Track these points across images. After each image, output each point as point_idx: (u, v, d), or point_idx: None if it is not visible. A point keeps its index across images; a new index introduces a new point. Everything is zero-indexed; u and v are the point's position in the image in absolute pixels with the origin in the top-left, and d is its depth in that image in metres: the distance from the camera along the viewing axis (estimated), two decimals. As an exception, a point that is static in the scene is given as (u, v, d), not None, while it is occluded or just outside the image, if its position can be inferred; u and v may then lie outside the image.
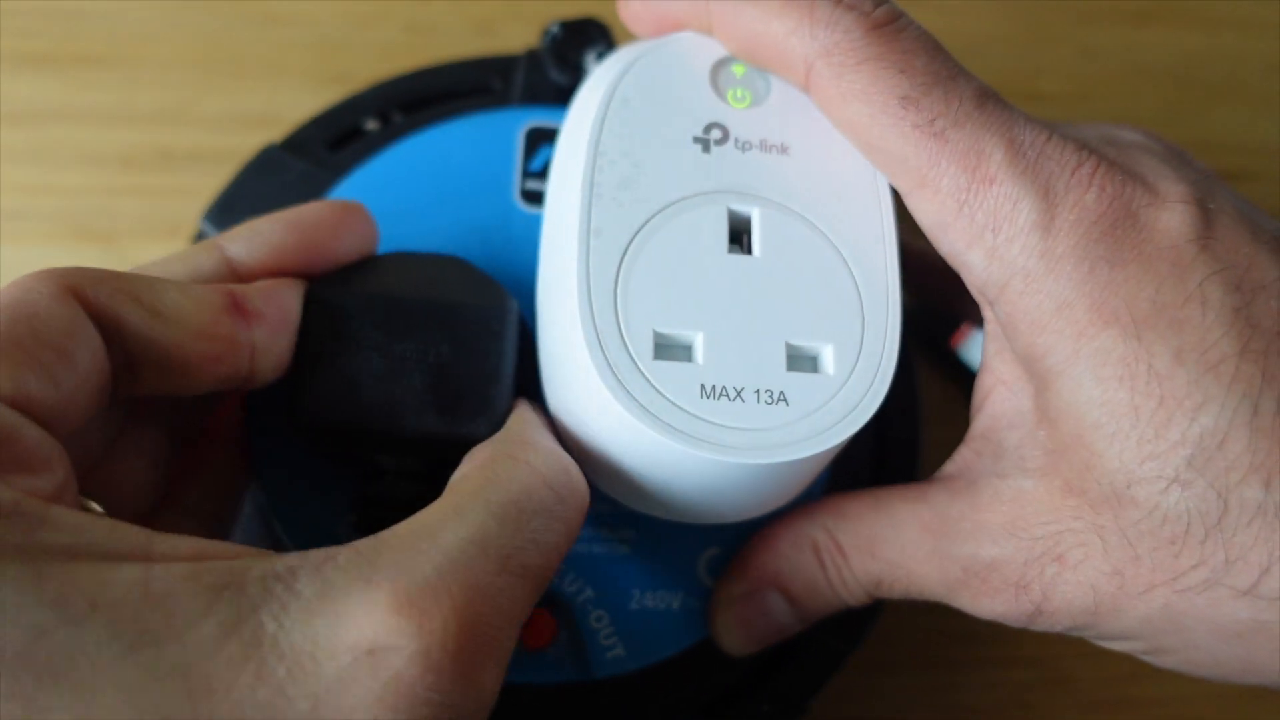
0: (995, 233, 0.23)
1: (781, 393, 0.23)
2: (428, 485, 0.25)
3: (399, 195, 0.30)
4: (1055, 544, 0.23)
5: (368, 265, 0.25)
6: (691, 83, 0.25)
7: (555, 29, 0.32)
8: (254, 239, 0.24)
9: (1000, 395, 0.25)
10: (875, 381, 0.23)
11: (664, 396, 0.22)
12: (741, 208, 0.24)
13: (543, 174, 0.30)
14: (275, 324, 0.23)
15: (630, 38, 0.28)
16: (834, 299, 0.24)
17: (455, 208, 0.30)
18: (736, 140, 0.25)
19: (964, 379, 0.39)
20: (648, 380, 0.22)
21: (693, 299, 0.23)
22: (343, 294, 0.25)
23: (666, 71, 0.25)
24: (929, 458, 0.31)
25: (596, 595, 0.27)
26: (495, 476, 0.21)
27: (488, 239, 0.29)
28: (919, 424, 0.32)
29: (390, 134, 0.31)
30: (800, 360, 0.23)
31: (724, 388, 0.22)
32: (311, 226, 0.25)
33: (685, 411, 0.22)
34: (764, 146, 0.25)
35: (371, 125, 0.32)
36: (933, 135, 0.23)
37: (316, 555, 0.18)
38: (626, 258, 0.23)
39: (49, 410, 0.19)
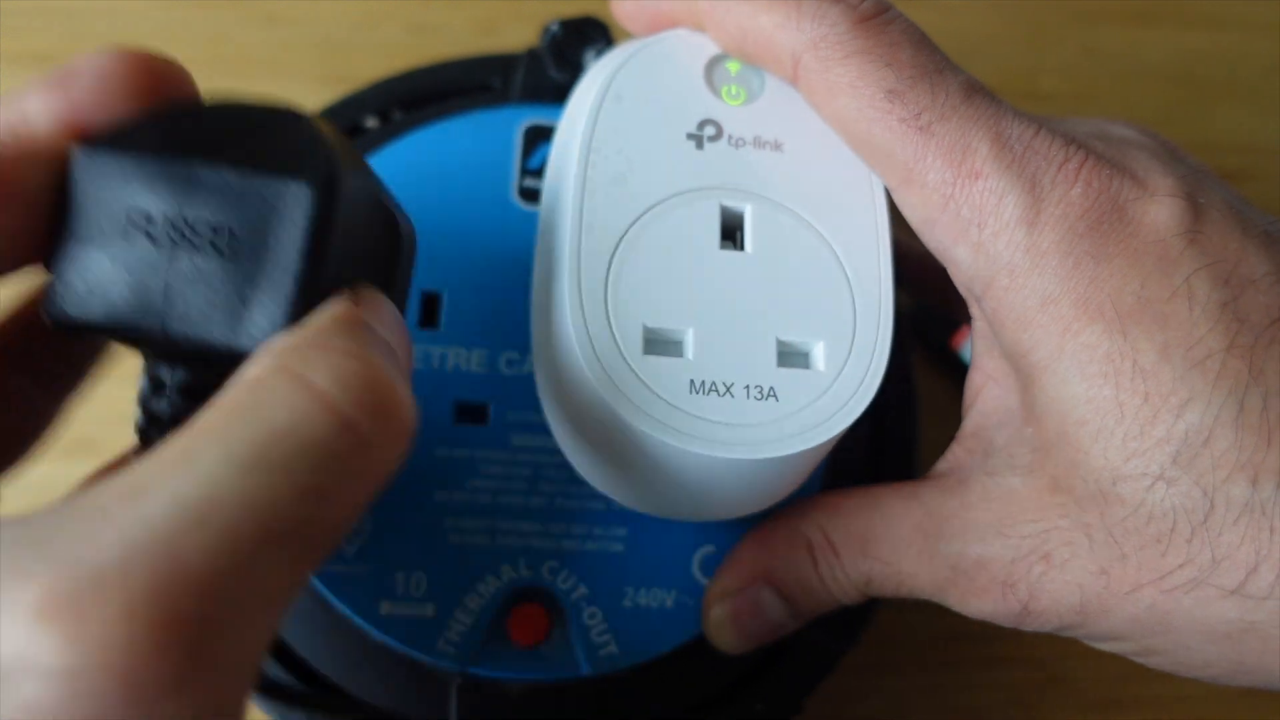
0: (981, 228, 0.22)
1: (771, 388, 0.23)
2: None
3: (397, 192, 0.29)
4: (1042, 542, 0.23)
5: (165, 117, 0.20)
6: (685, 79, 0.25)
7: (554, 28, 0.32)
8: (6, 108, 0.20)
9: (990, 393, 0.25)
10: (866, 378, 0.23)
11: (653, 392, 0.22)
12: (734, 204, 0.24)
13: (540, 172, 0.30)
14: None
15: (629, 36, 0.28)
16: (826, 295, 0.24)
17: (454, 205, 0.30)
18: (730, 137, 0.25)
19: (964, 379, 0.39)
20: (637, 375, 0.22)
21: (684, 295, 0.23)
22: (113, 156, 0.19)
23: (660, 68, 0.25)
24: (928, 458, 0.31)
25: (590, 592, 0.27)
26: (253, 404, 0.16)
27: (486, 236, 0.29)
28: (916, 424, 0.32)
29: (390, 132, 0.31)
30: (791, 356, 0.23)
31: (714, 383, 0.22)
32: (76, 86, 0.20)
33: (674, 407, 0.22)
34: (758, 143, 0.25)
35: (371, 123, 0.32)
36: (918, 129, 0.23)
37: None
38: (618, 253, 0.23)
39: None
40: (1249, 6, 0.48)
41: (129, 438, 0.30)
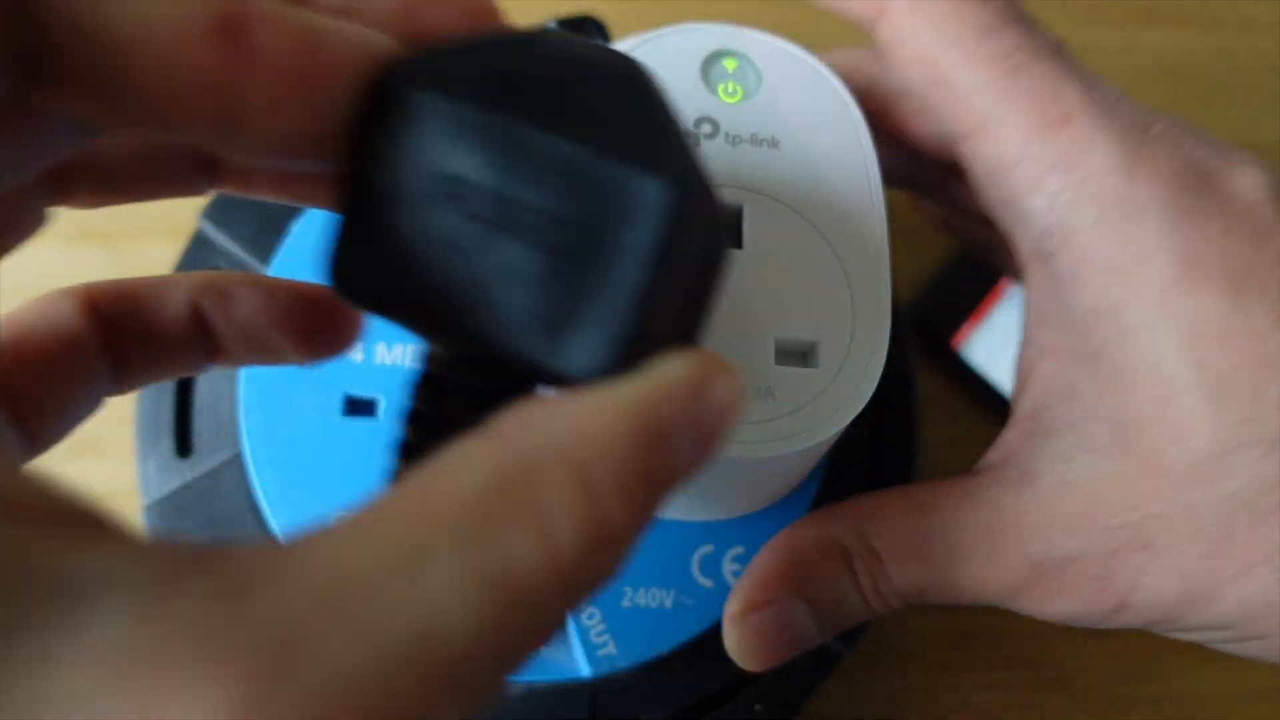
0: (1068, 172, 0.22)
1: (769, 387, 0.23)
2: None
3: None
4: (1140, 531, 0.21)
5: (483, 51, 0.16)
6: (682, 77, 0.25)
7: (552, 26, 0.32)
8: None
9: (1046, 368, 0.24)
10: (865, 377, 0.23)
11: None
12: (731, 201, 0.24)
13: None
14: (292, 74, 0.14)
15: (627, 35, 0.27)
16: (823, 293, 0.24)
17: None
18: (727, 134, 0.25)
19: (964, 379, 0.39)
20: None
21: None
22: (430, 96, 0.15)
23: (657, 66, 0.25)
24: (927, 458, 0.31)
25: (589, 592, 0.27)
26: (501, 516, 0.13)
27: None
28: (916, 424, 0.32)
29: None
30: (788, 354, 0.23)
31: None
32: None
33: None
34: (754, 140, 0.25)
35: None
36: (1007, 70, 0.22)
37: (163, 562, 0.11)
38: None
39: None
40: (1248, 6, 0.48)
41: (129, 438, 0.30)
